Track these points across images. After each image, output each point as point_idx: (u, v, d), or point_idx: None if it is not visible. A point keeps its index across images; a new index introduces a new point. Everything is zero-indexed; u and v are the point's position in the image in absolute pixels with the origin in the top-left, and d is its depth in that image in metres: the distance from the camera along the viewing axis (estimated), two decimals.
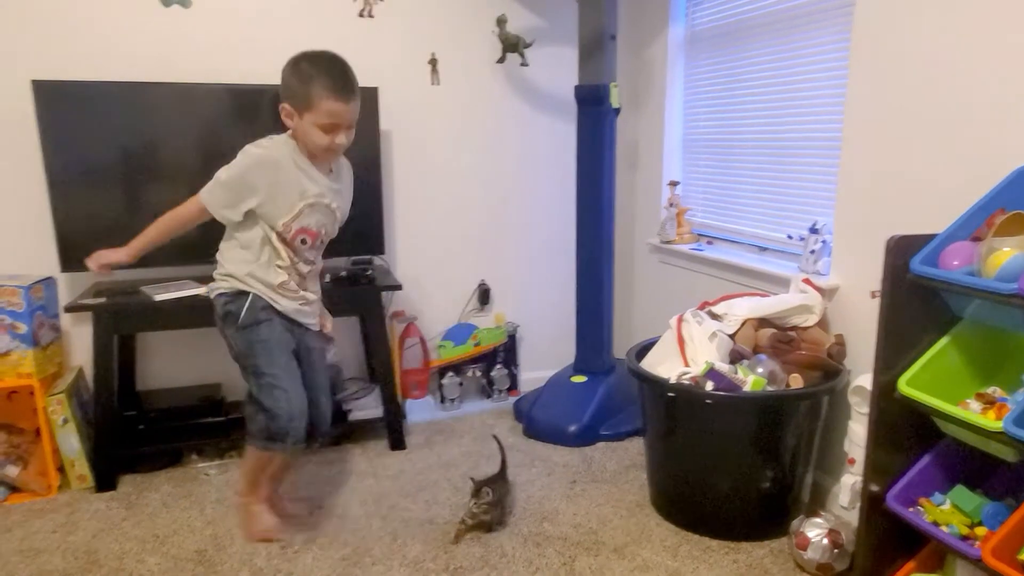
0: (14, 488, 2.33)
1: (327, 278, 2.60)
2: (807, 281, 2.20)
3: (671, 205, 2.98)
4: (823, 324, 2.18)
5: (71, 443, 2.35)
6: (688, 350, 2.17)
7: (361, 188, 2.68)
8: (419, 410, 2.96)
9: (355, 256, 2.76)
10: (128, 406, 2.54)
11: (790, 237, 2.45)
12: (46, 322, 2.39)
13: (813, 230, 2.26)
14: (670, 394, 2.04)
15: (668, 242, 2.98)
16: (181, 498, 2.32)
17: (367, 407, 2.72)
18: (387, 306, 2.99)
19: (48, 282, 2.43)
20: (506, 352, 3.13)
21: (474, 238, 3.11)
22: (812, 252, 2.24)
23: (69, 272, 2.49)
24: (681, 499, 2.13)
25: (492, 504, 2.06)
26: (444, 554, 2.00)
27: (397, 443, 2.67)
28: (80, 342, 2.65)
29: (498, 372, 3.11)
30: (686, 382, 2.03)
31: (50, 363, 2.42)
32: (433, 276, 3.07)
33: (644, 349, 2.32)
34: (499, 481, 2.16)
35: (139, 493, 2.36)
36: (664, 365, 2.16)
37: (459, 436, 2.79)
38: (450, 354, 3.04)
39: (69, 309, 2.30)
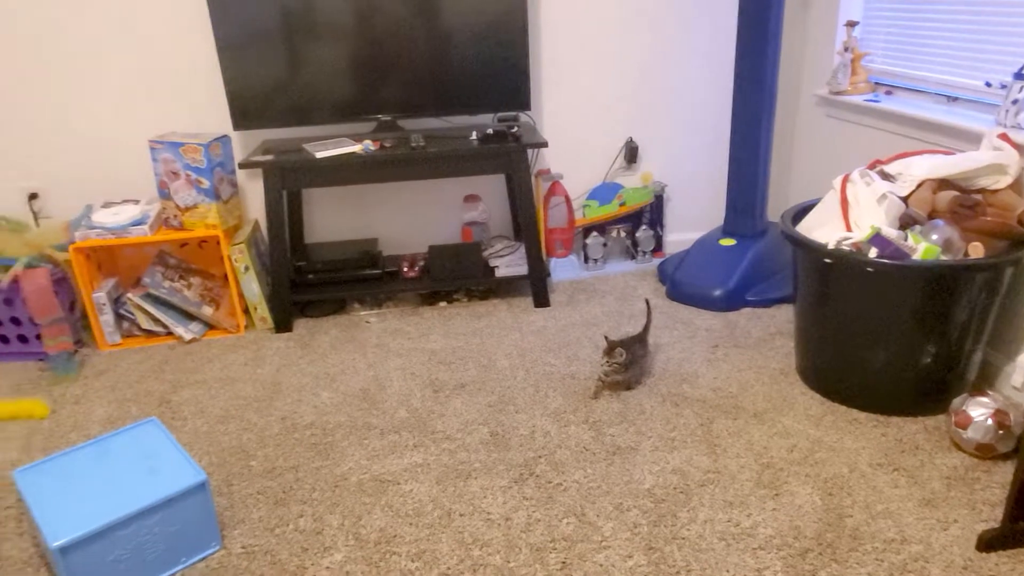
0: (210, 326, 2.67)
1: (474, 135, 2.62)
2: (1004, 137, 1.92)
3: (846, 50, 2.66)
4: (1016, 187, 1.92)
5: (252, 288, 2.63)
6: (852, 213, 2.01)
7: (506, 40, 2.63)
8: (563, 269, 3.01)
9: (501, 112, 2.73)
10: (299, 257, 2.78)
11: (988, 84, 2.13)
12: (225, 178, 2.61)
13: (1019, 75, 1.94)
14: (827, 260, 1.92)
15: (839, 92, 2.69)
16: (346, 342, 2.56)
17: (513, 264, 2.80)
18: (533, 164, 2.98)
19: (224, 140, 2.62)
20: (652, 213, 3.06)
21: (624, 93, 2.97)
22: (1014, 102, 1.94)
23: (240, 130, 2.67)
24: (830, 369, 2.06)
25: (624, 365, 2.10)
26: (584, 407, 2.09)
27: (541, 300, 2.75)
28: (254, 197, 2.89)
29: (643, 233, 3.06)
30: (846, 248, 1.89)
31: (231, 216, 2.66)
32: (579, 133, 3.00)
33: (801, 212, 2.18)
34: (636, 343, 2.18)
35: (311, 335, 2.62)
36: (823, 229, 2.02)
37: (601, 296, 2.82)
38: (595, 214, 3.02)
39: (242, 166, 2.49)
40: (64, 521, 1.46)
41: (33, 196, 2.76)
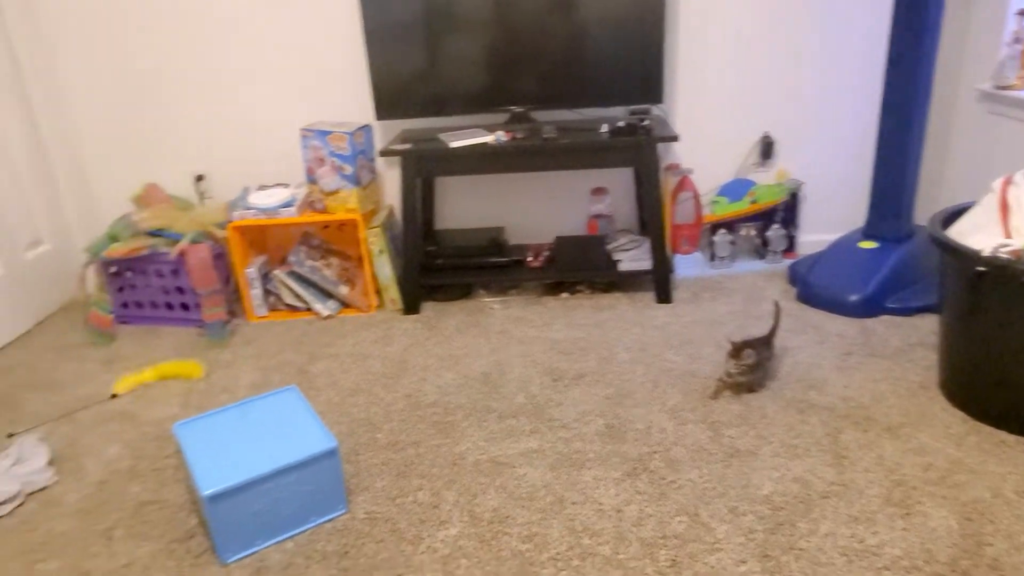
0: (345, 304, 2.84)
1: (604, 127, 2.62)
2: None
3: (1016, 41, 2.44)
4: None
5: (385, 271, 2.77)
6: (1013, 219, 1.85)
7: (642, 32, 2.60)
8: (688, 265, 2.95)
9: (633, 105, 2.72)
10: (429, 242, 2.89)
11: None
12: (365, 164, 2.76)
13: None
14: (981, 269, 1.78)
15: (1005, 87, 2.47)
16: (471, 326, 2.64)
17: (637, 259, 2.78)
18: (662, 158, 2.95)
19: (366, 129, 2.76)
20: (785, 211, 2.94)
21: (762, 85, 2.86)
22: None
23: (382, 120, 2.81)
24: (978, 386, 1.91)
25: (751, 367, 2.04)
26: (703, 406, 2.05)
27: (664, 296, 2.71)
28: (390, 183, 3.04)
29: (775, 232, 2.95)
30: (1003, 255, 1.75)
31: (369, 201, 2.81)
32: (712, 127, 2.93)
33: (953, 215, 2.03)
34: (762, 345, 2.11)
35: (438, 318, 2.73)
36: (977, 235, 1.87)
37: (727, 295, 2.75)
38: (724, 210, 2.94)
39: (383, 154, 2.62)
40: (215, 472, 1.61)
41: (199, 178, 3.04)
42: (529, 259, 2.85)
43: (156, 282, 2.74)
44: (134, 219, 2.71)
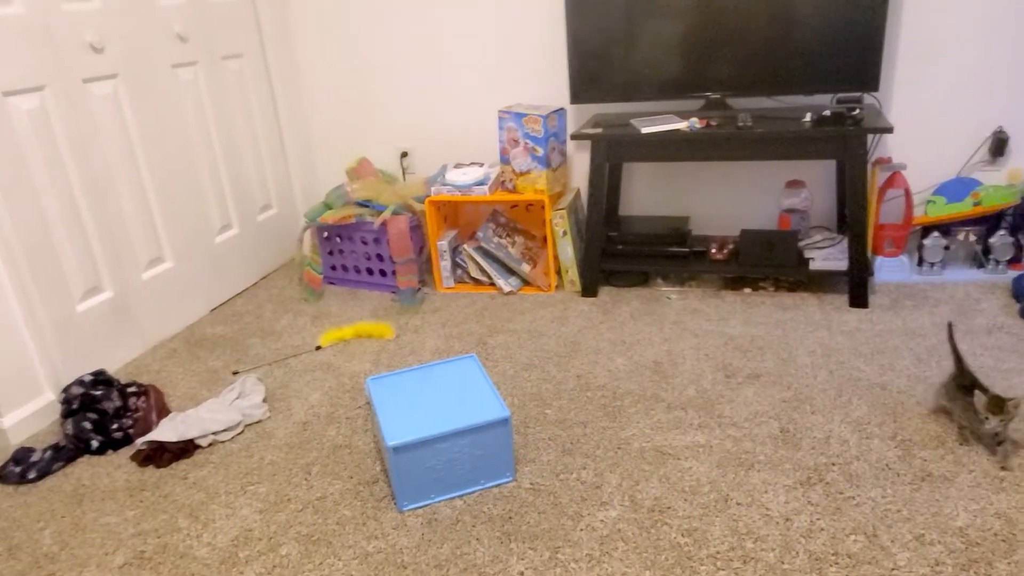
0: (525, 282, 2.94)
1: (808, 116, 2.47)
2: None
3: None
4: None
5: (567, 252, 2.83)
6: None
7: (860, 11, 2.41)
8: (890, 269, 2.72)
9: (841, 92, 2.53)
10: (611, 227, 2.91)
11: None
12: (557, 147, 2.82)
13: None
14: None
15: None
16: (645, 314, 2.63)
17: (831, 258, 2.61)
18: (871, 151, 2.73)
19: (560, 112, 2.82)
20: (1015, 217, 2.60)
21: (996, 74, 2.54)
22: None
23: (576, 104, 2.86)
24: None
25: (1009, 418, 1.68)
26: (892, 422, 1.90)
27: (859, 300, 2.53)
28: (579, 167, 3.08)
29: (999, 239, 2.62)
30: None
31: (557, 183, 2.88)
32: (934, 119, 2.65)
33: None
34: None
35: (614, 303, 2.75)
36: None
37: (933, 304, 2.50)
38: (940, 212, 2.66)
39: (574, 137, 2.67)
40: (399, 426, 1.76)
41: (404, 154, 3.28)
42: (712, 251, 2.77)
43: (360, 248, 3.01)
44: (346, 190, 2.99)
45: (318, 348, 2.59)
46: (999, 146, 2.60)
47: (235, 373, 2.46)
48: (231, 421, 2.11)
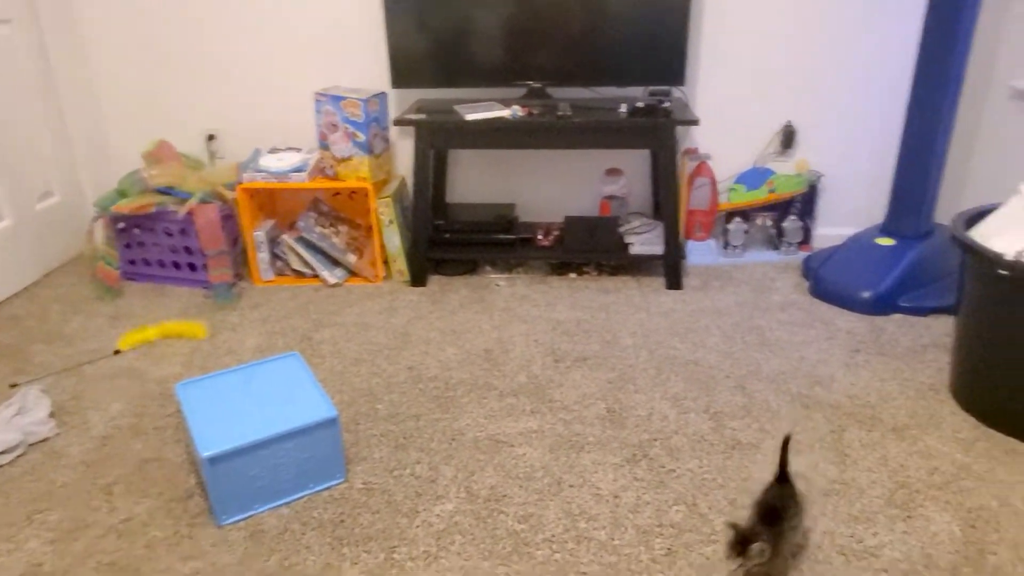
0: (352, 273, 2.82)
1: (623, 108, 2.57)
2: None
3: None
4: None
5: (393, 241, 2.75)
6: None
7: (666, 11, 2.55)
8: (699, 253, 2.92)
9: (653, 85, 2.67)
10: (438, 215, 2.86)
11: None
12: (379, 133, 2.72)
13: None
14: (1002, 272, 1.74)
15: None
16: (475, 302, 2.62)
17: (648, 243, 2.75)
18: (680, 141, 2.90)
19: (381, 97, 2.72)
20: (803, 203, 2.90)
21: (785, 73, 2.80)
22: None
23: (398, 88, 2.77)
24: (992, 390, 1.88)
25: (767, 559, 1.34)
26: (705, 396, 2.04)
27: (673, 282, 2.69)
28: (403, 154, 3.00)
29: (791, 224, 2.91)
30: None
31: (380, 170, 2.78)
32: (734, 113, 2.87)
33: (977, 216, 1.98)
34: (779, 511, 1.41)
35: (443, 292, 2.71)
36: (1002, 237, 1.83)
37: (737, 284, 2.72)
38: (741, 199, 2.90)
39: (397, 123, 2.59)
40: (214, 434, 1.61)
41: (211, 137, 3.02)
42: (538, 237, 2.82)
43: (164, 240, 2.73)
44: (143, 175, 2.69)
45: (117, 352, 2.32)
46: (788, 139, 2.88)
47: (13, 386, 2.13)
48: (9, 442, 1.83)
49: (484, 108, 2.60)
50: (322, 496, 1.69)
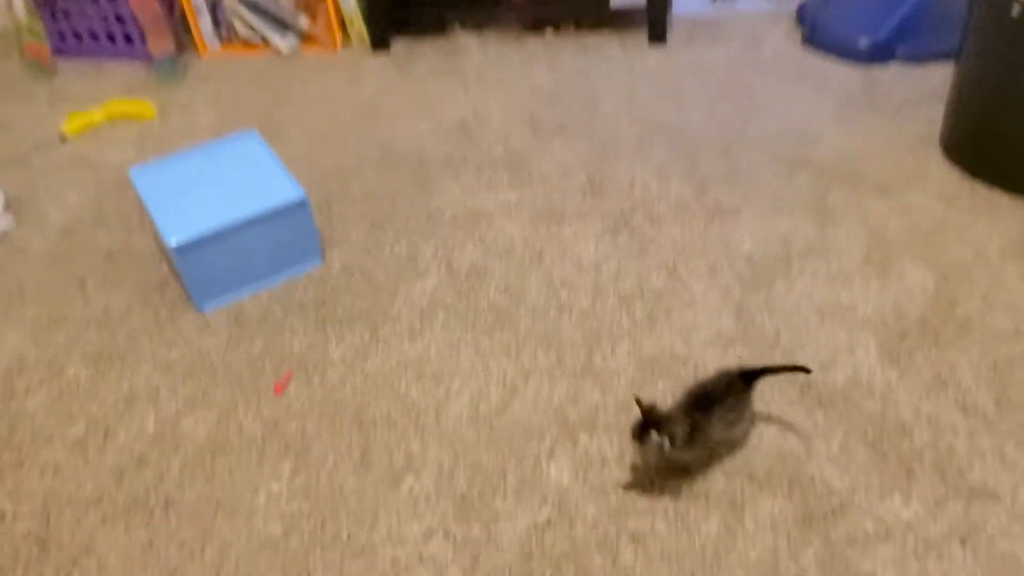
0: (306, 39, 2.57)
1: None
2: None
3: None
4: None
5: (350, 0, 2.47)
6: None
7: None
8: (687, 2, 2.66)
9: None
10: None
11: None
12: None
13: None
14: (1015, 14, 1.60)
15: None
16: (446, 70, 2.42)
17: None
18: None
19: None
20: None
21: None
22: None
23: None
24: (984, 140, 1.80)
25: (659, 455, 1.17)
26: (688, 162, 1.95)
27: (657, 34, 2.47)
28: None
29: None
30: None
31: None
32: None
33: None
34: (696, 411, 1.20)
35: (409, 57, 2.49)
36: None
37: (726, 39, 2.51)
38: None
39: None
40: (179, 221, 1.54)
41: None
42: None
43: (92, 9, 2.44)
44: None
45: (64, 139, 2.16)
46: None
47: None
48: None
49: None
50: (301, 280, 1.67)
